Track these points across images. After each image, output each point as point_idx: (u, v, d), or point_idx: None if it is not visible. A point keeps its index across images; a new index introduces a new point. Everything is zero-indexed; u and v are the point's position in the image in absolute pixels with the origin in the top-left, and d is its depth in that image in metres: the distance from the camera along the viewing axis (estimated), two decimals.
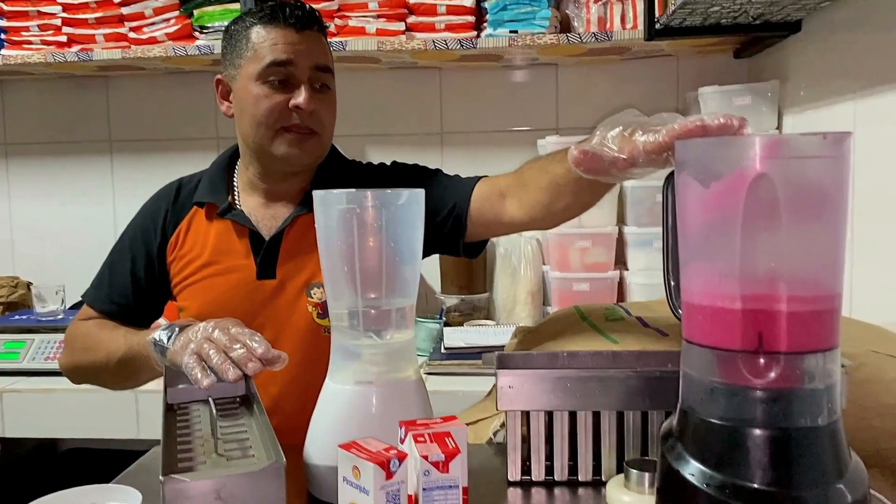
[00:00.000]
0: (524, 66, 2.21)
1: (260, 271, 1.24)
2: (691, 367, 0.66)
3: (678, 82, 2.17)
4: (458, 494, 0.71)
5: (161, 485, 0.62)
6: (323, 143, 1.25)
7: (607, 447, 0.90)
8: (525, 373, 0.90)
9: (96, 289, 1.32)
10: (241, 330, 0.95)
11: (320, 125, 1.22)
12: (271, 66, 1.18)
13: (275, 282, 1.24)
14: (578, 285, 1.90)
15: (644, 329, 1.10)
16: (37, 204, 2.43)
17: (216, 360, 0.89)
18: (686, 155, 0.64)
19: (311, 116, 1.20)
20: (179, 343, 0.98)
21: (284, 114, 1.20)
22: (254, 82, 1.20)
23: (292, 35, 1.19)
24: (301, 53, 1.19)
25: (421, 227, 0.90)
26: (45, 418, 1.78)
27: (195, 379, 0.89)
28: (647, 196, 1.85)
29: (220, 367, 0.88)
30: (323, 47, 1.24)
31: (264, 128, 1.20)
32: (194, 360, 0.91)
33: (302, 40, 1.20)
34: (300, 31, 1.20)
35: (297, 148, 1.21)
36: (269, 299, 1.24)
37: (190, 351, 0.93)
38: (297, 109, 1.19)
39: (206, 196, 1.28)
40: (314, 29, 1.22)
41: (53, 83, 2.37)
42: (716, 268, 0.63)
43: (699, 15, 1.63)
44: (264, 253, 1.25)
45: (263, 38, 1.19)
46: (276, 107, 1.19)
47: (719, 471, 0.62)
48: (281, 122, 1.20)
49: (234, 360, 0.89)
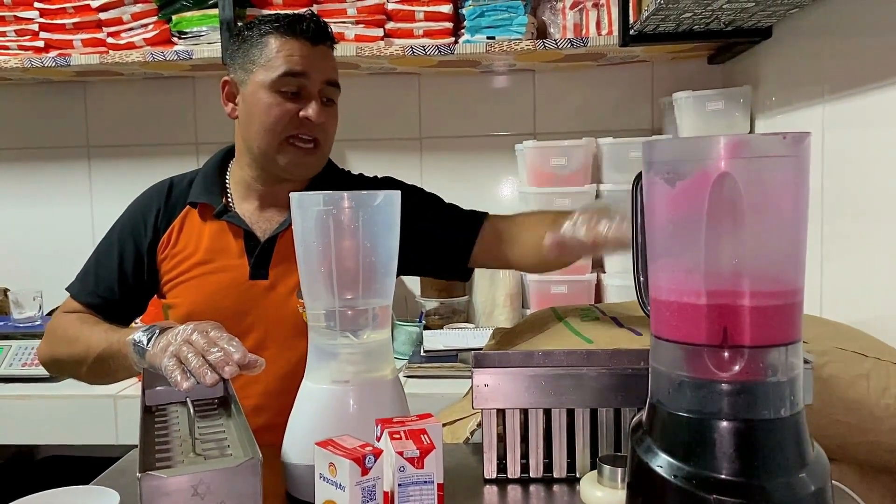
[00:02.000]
0: (502, 72, 2.23)
1: (253, 271, 1.27)
2: (659, 362, 0.68)
3: (653, 88, 2.20)
4: (433, 490, 0.72)
5: (138, 482, 0.63)
6: (324, 156, 1.29)
7: (581, 444, 0.91)
8: (500, 371, 0.92)
9: (81, 282, 1.33)
10: (219, 334, 0.95)
11: (325, 137, 1.26)
12: (285, 76, 1.21)
13: (266, 282, 1.27)
14: (556, 288, 1.91)
15: (618, 328, 1.12)
16: (14, 210, 2.41)
17: (194, 364, 0.89)
18: (653, 155, 0.66)
19: (320, 128, 1.24)
20: (159, 346, 0.98)
21: (293, 123, 1.23)
22: (265, 90, 1.22)
23: (307, 48, 1.22)
24: (314, 67, 1.22)
25: (396, 228, 0.91)
26: (23, 425, 1.76)
27: (175, 381, 0.89)
28: (624, 199, 1.87)
29: (197, 370, 0.88)
30: (333, 62, 1.27)
31: (272, 135, 1.23)
32: (174, 363, 0.91)
33: (315, 54, 1.23)
34: (315, 44, 1.23)
35: (302, 159, 1.26)
36: (260, 299, 1.26)
37: (169, 353, 0.93)
38: (307, 121, 1.22)
39: (202, 196, 1.30)
40: (327, 44, 1.25)
41: (30, 88, 2.36)
42: (681, 264, 0.65)
43: (672, 21, 1.66)
44: (258, 254, 1.27)
45: (279, 47, 1.22)
46: (285, 116, 1.22)
47: (686, 462, 0.64)
48: (288, 132, 1.23)
49: (211, 364, 0.89)
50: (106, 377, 1.24)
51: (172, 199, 1.32)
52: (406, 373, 1.79)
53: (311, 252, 0.89)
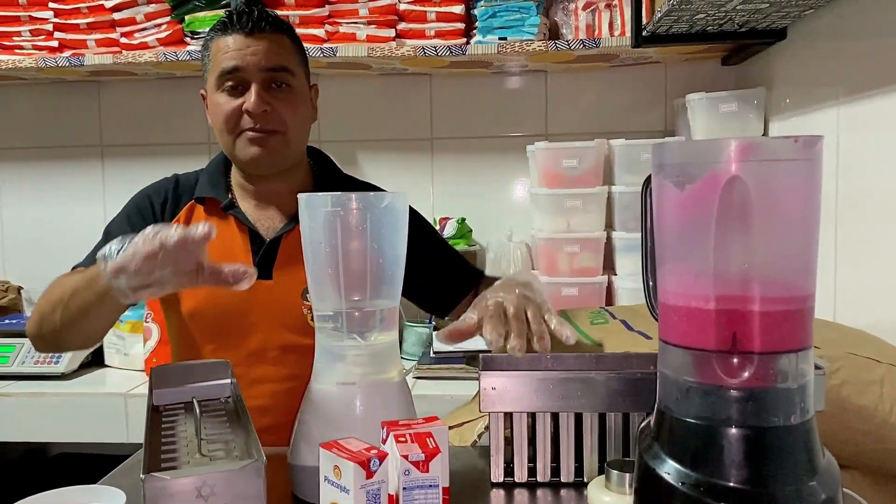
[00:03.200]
0: (513, 73, 2.23)
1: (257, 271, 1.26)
2: (668, 367, 0.67)
3: (666, 89, 2.19)
4: (437, 494, 0.71)
5: (142, 483, 0.62)
6: (288, 141, 1.26)
7: (589, 448, 0.91)
8: (508, 374, 0.91)
9: (89, 259, 1.30)
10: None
11: (281, 123, 1.24)
12: (222, 74, 1.22)
13: (270, 283, 1.26)
14: (567, 290, 1.90)
15: (628, 332, 1.11)
16: (28, 208, 2.43)
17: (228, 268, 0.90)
18: (663, 158, 0.65)
19: (267, 117, 1.22)
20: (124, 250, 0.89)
21: (240, 118, 1.23)
22: (215, 92, 1.25)
23: (241, 41, 1.22)
24: (249, 58, 1.21)
25: (404, 230, 0.91)
26: (34, 422, 1.77)
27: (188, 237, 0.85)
28: (635, 201, 1.86)
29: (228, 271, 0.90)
30: (278, 48, 1.24)
31: (226, 134, 1.25)
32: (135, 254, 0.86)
33: (251, 44, 1.21)
34: (249, 35, 1.22)
35: (258, 148, 1.24)
36: (264, 300, 1.25)
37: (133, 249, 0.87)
38: (248, 113, 1.22)
39: (208, 191, 1.31)
40: (266, 31, 1.23)
41: (45, 88, 2.37)
42: (691, 269, 0.64)
43: (685, 22, 1.65)
44: (263, 254, 1.27)
45: (217, 48, 1.23)
46: (231, 113, 1.23)
47: (695, 469, 0.63)
48: (239, 128, 1.23)
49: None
50: (81, 315, 1.10)
51: (178, 192, 1.33)
52: (415, 374, 1.79)
53: (319, 253, 0.89)
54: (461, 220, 2.15)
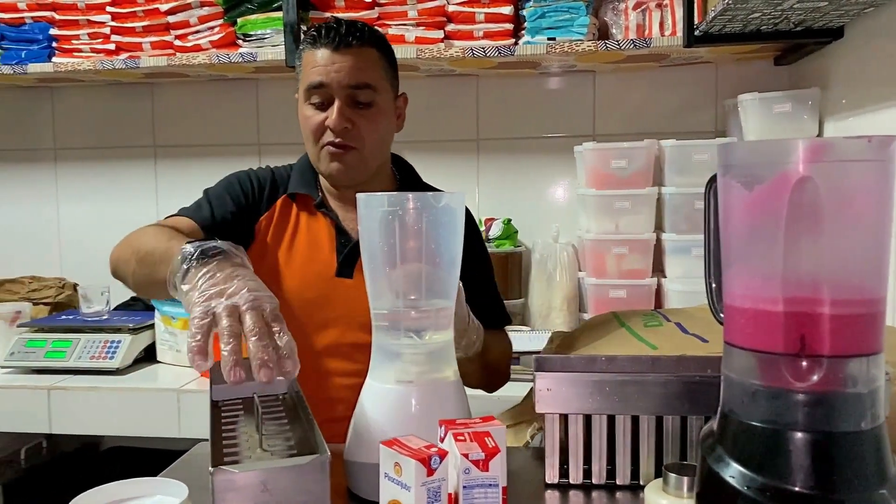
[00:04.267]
0: (561, 73, 2.22)
1: (339, 269, 1.30)
2: (732, 370, 0.66)
3: (717, 89, 2.16)
4: (497, 493, 0.72)
5: (210, 476, 0.64)
6: (365, 157, 1.29)
7: (646, 451, 0.90)
8: (563, 376, 0.91)
9: (196, 209, 1.31)
10: (278, 324, 0.82)
11: (359, 140, 1.27)
12: (309, 88, 1.25)
13: (351, 282, 1.29)
14: (615, 292, 1.89)
15: (683, 335, 1.09)
16: (84, 207, 2.49)
17: (226, 350, 0.78)
18: (729, 158, 0.65)
19: (347, 133, 1.25)
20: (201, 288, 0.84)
21: (323, 132, 1.26)
22: (304, 103, 1.28)
23: (327, 56, 1.24)
24: (334, 74, 1.23)
25: (461, 230, 0.91)
26: (89, 416, 1.82)
27: (189, 353, 0.78)
28: (686, 202, 1.85)
29: (226, 357, 0.77)
30: (364, 63, 1.26)
31: (311, 145, 1.29)
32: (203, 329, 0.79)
33: (337, 60, 1.24)
34: (336, 50, 1.24)
35: (337, 163, 1.27)
36: (342, 297, 1.29)
37: (203, 310, 0.80)
38: (329, 129, 1.25)
39: (301, 188, 1.34)
40: (353, 45, 1.24)
41: (101, 90, 2.43)
42: (758, 270, 0.63)
43: (739, 22, 1.62)
44: (347, 253, 1.30)
45: (306, 61, 1.26)
46: (317, 127, 1.26)
47: (760, 473, 0.62)
48: (323, 141, 1.27)
49: (252, 355, 0.78)
50: (149, 282, 1.07)
51: (276, 184, 1.36)
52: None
53: (376, 252, 0.90)
54: (507, 220, 2.15)
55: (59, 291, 2.28)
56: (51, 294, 2.26)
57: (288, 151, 2.22)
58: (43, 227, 2.52)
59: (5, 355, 1.91)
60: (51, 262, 2.50)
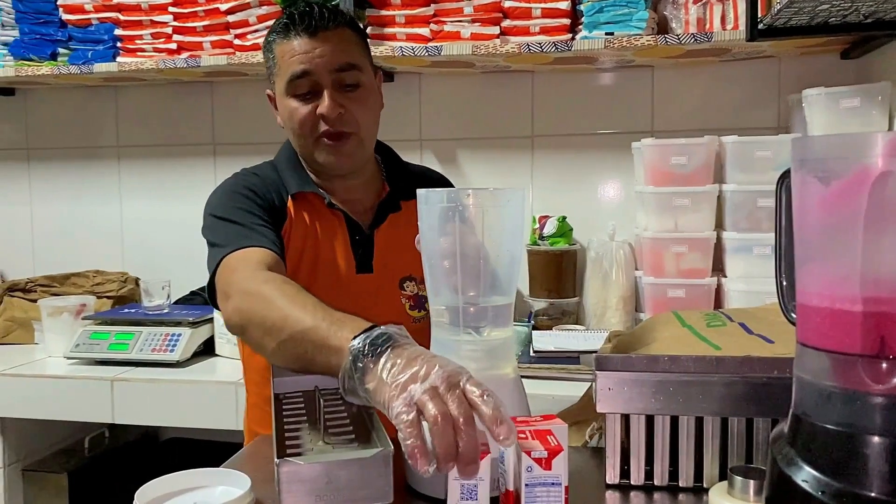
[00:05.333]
0: (618, 69, 2.19)
1: (359, 266, 1.29)
2: (805, 371, 0.64)
3: (780, 84, 2.10)
4: (560, 492, 0.71)
5: (276, 467, 0.64)
6: (363, 141, 1.27)
7: (710, 453, 0.88)
8: (625, 375, 0.89)
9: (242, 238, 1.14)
10: (474, 388, 0.72)
11: (354, 124, 1.24)
12: (292, 80, 1.21)
13: (372, 275, 1.29)
14: (673, 291, 1.86)
15: (748, 335, 1.07)
16: (146, 203, 2.55)
17: (441, 444, 0.67)
18: (805, 152, 0.63)
19: (342, 119, 1.22)
20: (391, 376, 0.74)
21: (316, 123, 1.23)
22: (286, 97, 1.24)
23: (306, 43, 1.20)
24: (317, 59, 1.20)
25: (521, 227, 0.91)
26: (150, 407, 1.86)
27: (410, 455, 0.67)
28: (748, 200, 1.80)
29: (442, 454, 0.67)
30: (343, 44, 1.22)
31: (303, 139, 1.25)
32: (412, 425, 0.69)
33: (317, 45, 1.20)
34: (314, 35, 1.20)
35: (335, 153, 1.25)
36: (366, 293, 1.28)
37: (406, 401, 0.70)
38: (323, 117, 1.22)
39: (306, 187, 1.29)
40: (330, 28, 1.21)
41: (162, 89, 2.49)
42: (835, 269, 0.61)
43: (806, 14, 1.57)
44: (363, 247, 1.29)
45: (282, 52, 1.22)
46: (306, 118, 1.22)
47: (835, 478, 0.60)
48: (316, 132, 1.23)
49: (460, 452, 0.68)
50: (296, 363, 0.93)
51: (275, 185, 1.29)
52: None
53: (435, 248, 0.90)
54: (561, 218, 2.13)
55: (121, 285, 2.34)
56: (114, 288, 2.32)
57: None
58: (106, 223, 2.59)
59: (71, 346, 1.97)
60: (114, 256, 2.57)
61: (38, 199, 2.64)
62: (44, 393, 1.88)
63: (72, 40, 2.26)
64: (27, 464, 2.03)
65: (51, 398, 1.88)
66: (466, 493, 0.70)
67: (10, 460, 1.99)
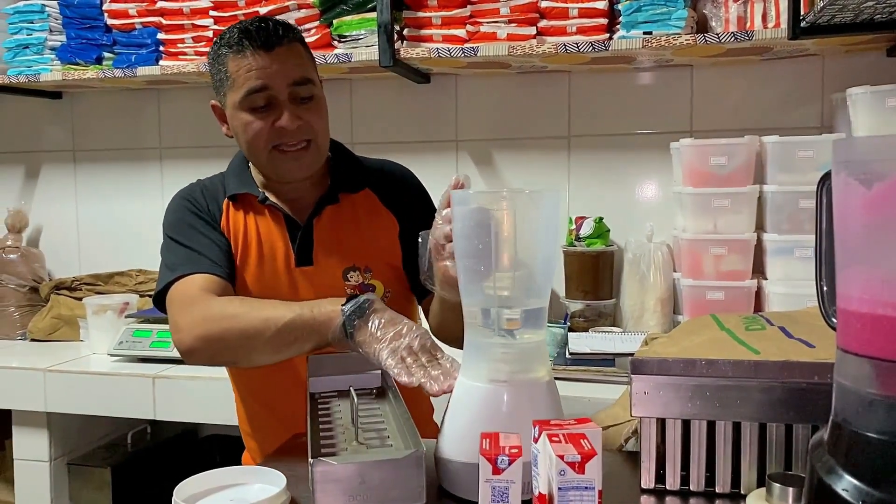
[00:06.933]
0: (656, 68, 2.16)
1: (298, 258, 1.31)
2: (846, 378, 0.63)
3: (823, 83, 2.06)
4: (594, 496, 0.70)
5: (310, 467, 0.65)
6: (319, 149, 1.30)
7: (748, 459, 0.87)
8: (661, 379, 0.88)
9: (189, 263, 1.27)
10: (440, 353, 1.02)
11: (312, 133, 1.27)
12: (248, 94, 1.23)
13: (312, 268, 1.31)
14: (712, 294, 1.83)
15: (787, 339, 1.05)
16: None
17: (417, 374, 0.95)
18: (847, 154, 0.61)
19: (300, 130, 1.25)
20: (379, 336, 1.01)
21: (272, 135, 1.25)
22: (239, 111, 1.25)
23: (262, 58, 1.21)
24: (274, 75, 1.22)
25: (556, 229, 0.90)
26: (190, 404, 1.89)
27: (398, 378, 0.94)
28: (789, 201, 1.77)
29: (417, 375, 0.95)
30: (297, 59, 1.25)
31: (258, 150, 1.27)
32: (398, 363, 0.97)
33: (274, 60, 1.22)
34: (269, 51, 1.22)
35: (293, 164, 1.28)
36: (309, 285, 1.30)
37: (391, 351, 0.99)
38: (283, 130, 1.24)
39: (242, 188, 1.34)
40: (284, 43, 1.23)
41: (204, 91, 2.53)
42: (878, 273, 0.60)
43: (850, 11, 1.54)
44: (300, 240, 1.31)
45: (237, 67, 1.23)
46: (262, 131, 1.25)
47: (876, 488, 0.59)
48: (272, 143, 1.26)
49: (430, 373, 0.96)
50: (284, 351, 1.10)
51: (214, 195, 1.36)
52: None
53: (469, 250, 0.90)
54: (598, 219, 2.11)
55: None
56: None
57: (382, 149, 2.25)
58: (149, 223, 2.62)
59: (114, 344, 2.02)
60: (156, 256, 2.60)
61: (83, 200, 2.69)
62: (88, 389, 1.93)
63: (116, 45, 2.30)
64: (72, 458, 2.08)
65: (95, 394, 1.92)
66: (498, 495, 0.70)
67: (56, 454, 2.04)
